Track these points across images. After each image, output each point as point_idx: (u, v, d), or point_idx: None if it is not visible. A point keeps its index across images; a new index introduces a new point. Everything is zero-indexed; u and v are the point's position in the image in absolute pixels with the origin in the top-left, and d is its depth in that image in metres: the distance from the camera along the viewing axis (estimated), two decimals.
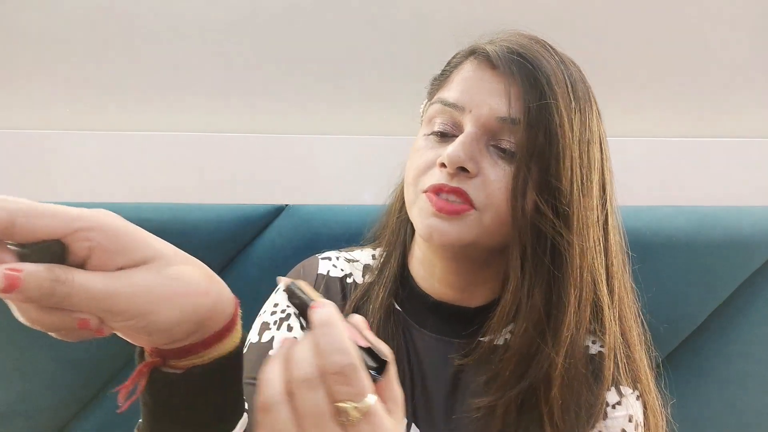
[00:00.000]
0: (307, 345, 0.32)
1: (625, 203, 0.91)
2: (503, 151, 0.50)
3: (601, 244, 0.53)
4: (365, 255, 0.66)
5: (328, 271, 0.63)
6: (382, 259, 0.62)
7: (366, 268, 0.64)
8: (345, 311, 0.59)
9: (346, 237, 0.77)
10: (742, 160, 0.95)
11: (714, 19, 0.93)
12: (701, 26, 0.93)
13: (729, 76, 0.95)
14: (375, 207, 0.85)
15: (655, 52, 0.94)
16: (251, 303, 0.82)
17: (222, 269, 0.83)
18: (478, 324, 0.56)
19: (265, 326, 0.58)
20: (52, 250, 0.29)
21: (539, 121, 0.49)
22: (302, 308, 0.36)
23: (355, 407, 0.30)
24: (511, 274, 0.52)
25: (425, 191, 0.52)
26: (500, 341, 0.56)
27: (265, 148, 0.88)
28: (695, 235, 0.85)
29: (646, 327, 0.59)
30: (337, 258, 0.65)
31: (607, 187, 0.54)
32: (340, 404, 0.30)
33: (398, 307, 0.60)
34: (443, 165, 0.50)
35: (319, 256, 0.65)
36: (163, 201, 0.84)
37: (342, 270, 0.63)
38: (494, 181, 0.50)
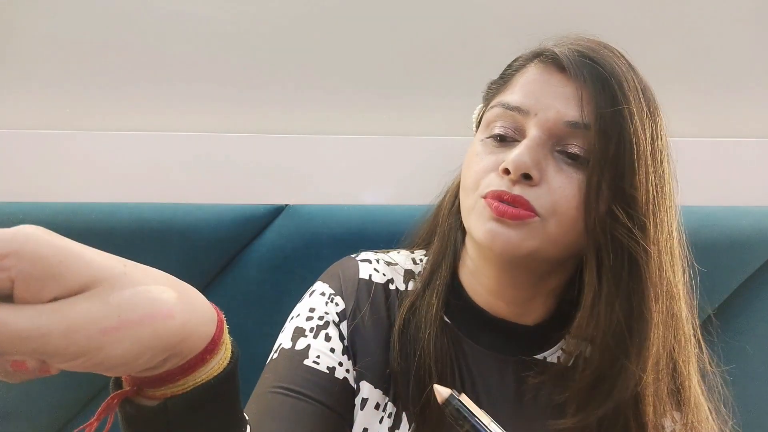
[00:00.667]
0: None
1: None
2: (571, 156, 0.48)
3: (677, 257, 0.51)
4: (403, 258, 0.63)
5: (371, 276, 0.59)
6: (430, 268, 0.58)
7: (408, 274, 0.60)
8: (393, 324, 0.56)
9: (346, 237, 0.77)
10: (742, 160, 0.95)
11: (714, 18, 0.93)
12: (701, 26, 0.93)
13: (729, 76, 0.95)
14: (375, 207, 0.86)
15: (655, 52, 0.94)
16: (251, 303, 0.83)
17: (222, 269, 0.83)
18: (535, 342, 0.56)
19: (300, 332, 0.54)
20: None
21: (613, 126, 0.47)
22: None
23: None
24: (587, 286, 0.49)
25: (485, 197, 0.49)
26: (553, 359, 0.56)
27: (265, 148, 0.88)
28: (695, 235, 0.84)
29: (704, 349, 0.56)
30: (377, 261, 0.61)
31: (674, 199, 0.52)
32: None
33: (447, 320, 0.57)
34: (506, 171, 0.48)
35: (357, 258, 0.61)
36: (163, 201, 0.84)
37: (384, 275, 0.59)
38: (559, 188, 0.48)
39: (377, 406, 0.53)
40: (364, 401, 0.53)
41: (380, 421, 0.53)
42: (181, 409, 0.31)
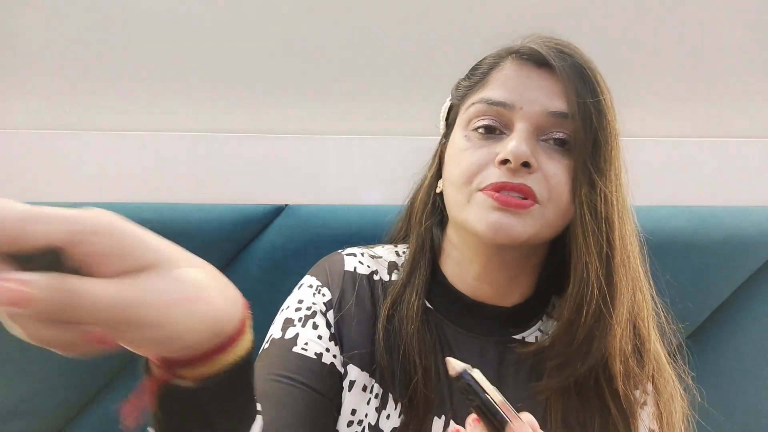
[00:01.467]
0: None
1: None
2: (559, 143, 0.53)
3: (631, 225, 0.56)
4: (387, 252, 0.65)
5: (355, 268, 0.62)
6: (409, 267, 0.61)
7: (391, 265, 0.63)
8: (377, 314, 0.59)
9: (346, 237, 0.77)
10: (741, 160, 0.95)
11: (714, 19, 0.93)
12: (702, 26, 0.93)
13: (729, 76, 0.95)
14: (375, 207, 0.86)
15: (655, 51, 0.94)
16: (251, 303, 0.82)
17: (222, 269, 0.82)
18: (514, 322, 0.59)
19: (289, 322, 0.57)
20: (50, 259, 0.25)
21: (594, 114, 0.52)
22: (487, 409, 0.37)
23: None
24: (578, 262, 0.52)
25: (482, 189, 0.52)
26: (531, 339, 0.59)
27: (265, 148, 0.88)
28: (695, 235, 0.85)
29: (660, 309, 0.60)
30: (362, 254, 0.64)
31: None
32: None
33: (429, 305, 0.60)
34: (504, 162, 0.51)
35: (343, 252, 0.64)
36: (163, 201, 0.84)
37: (368, 267, 0.62)
38: (554, 174, 0.52)
39: (364, 388, 0.56)
40: (352, 383, 0.56)
41: (368, 402, 0.56)
42: (216, 388, 0.33)
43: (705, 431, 0.86)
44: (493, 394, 0.38)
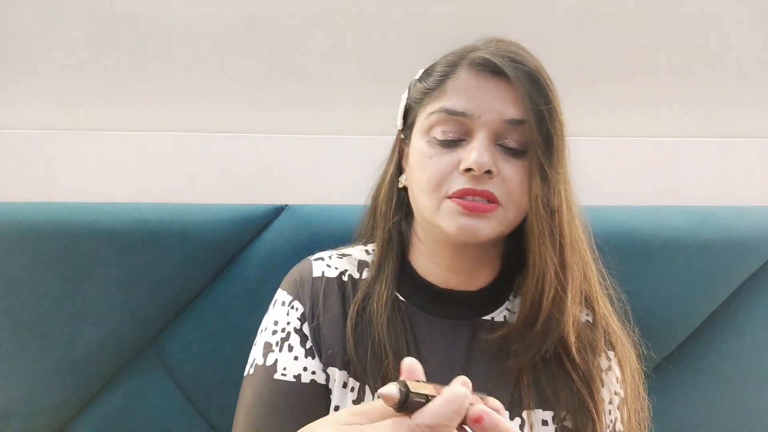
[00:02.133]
0: None
1: (625, 203, 0.91)
2: (512, 149, 0.56)
3: (576, 211, 0.60)
4: (357, 250, 0.68)
5: (323, 272, 0.64)
6: (378, 262, 0.64)
7: (361, 263, 0.66)
8: (348, 312, 0.61)
9: (346, 237, 0.77)
10: (742, 160, 0.95)
11: (715, 18, 0.93)
12: (703, 26, 0.93)
13: (729, 76, 0.95)
14: None
15: (656, 51, 0.94)
16: (251, 303, 0.83)
17: (222, 269, 0.83)
18: (483, 305, 0.63)
19: (269, 348, 0.60)
20: None
21: (547, 119, 0.55)
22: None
23: None
24: (535, 252, 0.57)
25: (450, 197, 0.56)
26: (500, 318, 0.63)
27: (265, 148, 0.88)
28: (695, 235, 0.85)
29: (606, 278, 0.66)
30: (330, 257, 0.66)
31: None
32: None
33: (402, 298, 0.63)
34: (468, 170, 0.55)
35: (312, 258, 0.66)
36: (163, 201, 0.85)
37: (336, 268, 0.65)
38: (511, 178, 0.56)
39: (344, 385, 0.59)
40: (335, 384, 0.59)
41: (347, 398, 0.58)
42: None
43: (705, 431, 0.86)
44: (431, 391, 0.36)
